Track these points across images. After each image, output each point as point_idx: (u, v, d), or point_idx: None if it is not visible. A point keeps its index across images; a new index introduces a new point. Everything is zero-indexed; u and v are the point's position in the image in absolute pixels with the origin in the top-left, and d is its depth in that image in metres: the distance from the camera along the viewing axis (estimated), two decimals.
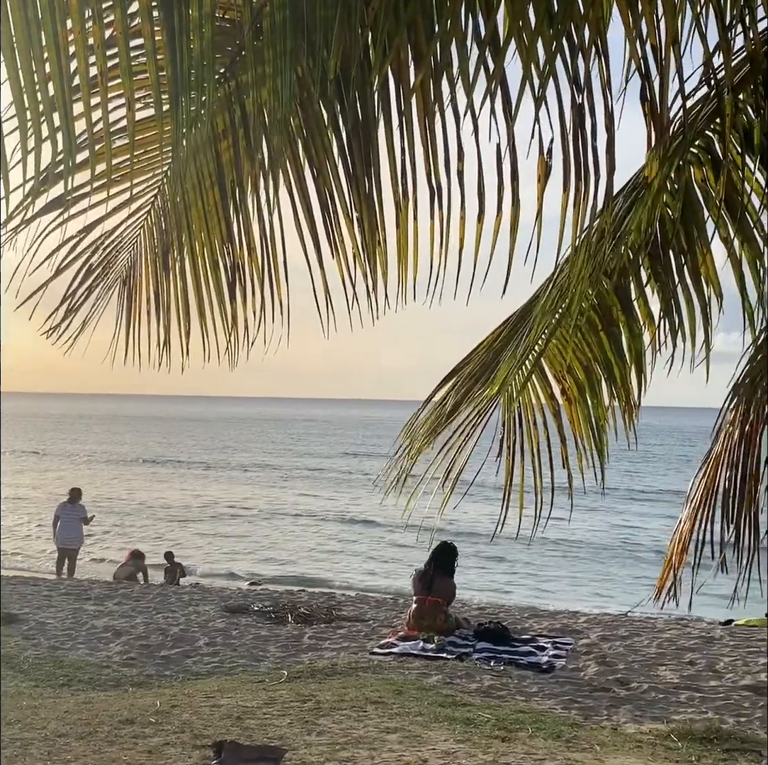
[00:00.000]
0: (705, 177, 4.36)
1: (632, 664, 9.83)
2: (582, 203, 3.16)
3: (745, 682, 9.23)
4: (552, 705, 7.97)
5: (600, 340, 4.74)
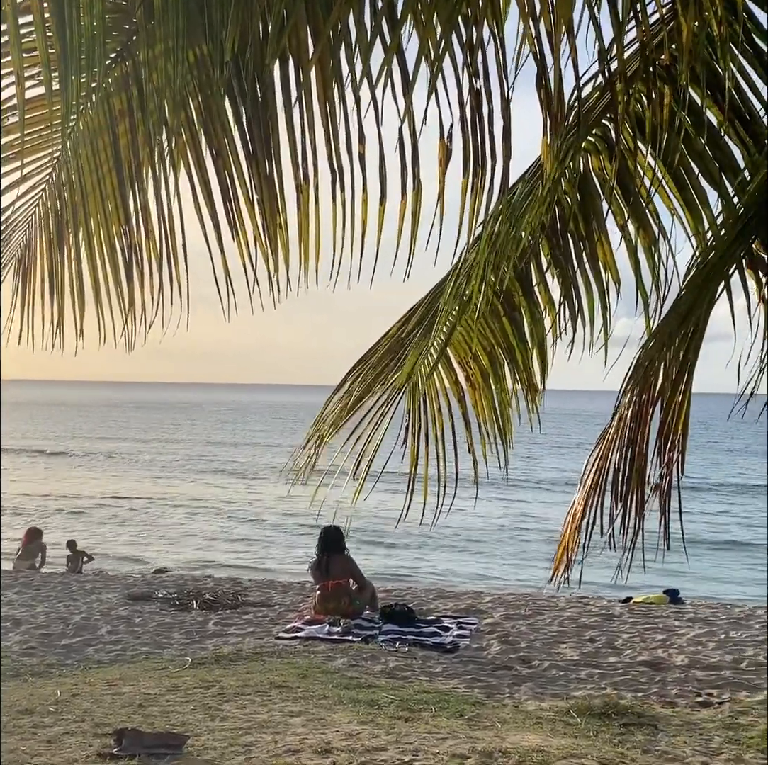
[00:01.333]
0: (602, 165, 4.45)
1: (534, 642, 10.03)
2: (479, 188, 3.20)
3: (642, 658, 9.50)
4: (455, 684, 8.08)
5: (502, 326, 4.80)
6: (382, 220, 3.22)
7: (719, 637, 10.63)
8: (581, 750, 5.89)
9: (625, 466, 4.04)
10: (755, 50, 3.83)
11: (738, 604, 13.85)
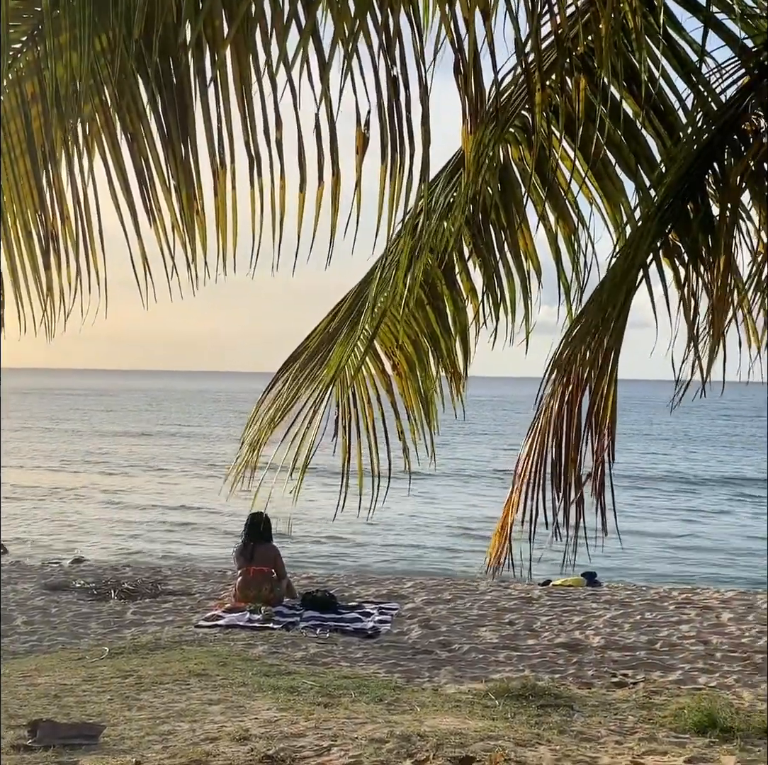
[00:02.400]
0: (522, 155, 4.49)
1: (454, 626, 10.14)
2: (398, 176, 3.19)
3: (560, 640, 9.67)
4: (376, 669, 8.13)
5: (426, 315, 4.83)
6: (302, 207, 3.20)
7: (635, 619, 10.87)
8: (498, 732, 5.97)
9: (559, 456, 4.09)
10: (669, 42, 3.89)
11: (653, 585, 14.14)
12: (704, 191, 4.25)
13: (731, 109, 4.14)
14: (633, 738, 6.31)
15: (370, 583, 13.00)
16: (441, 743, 5.58)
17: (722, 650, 9.34)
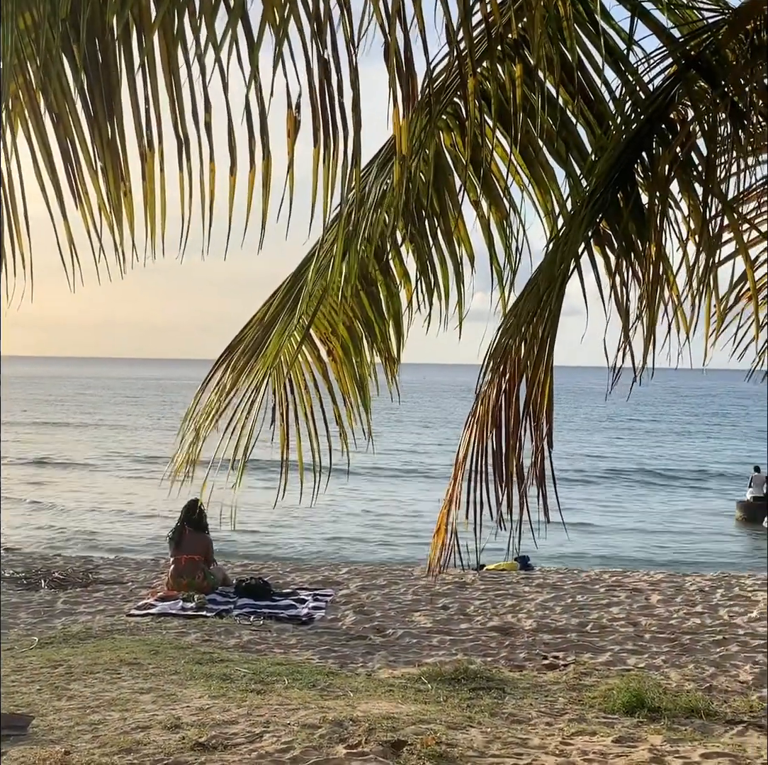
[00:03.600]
0: (454, 142, 4.49)
1: (389, 611, 10.18)
2: (331, 160, 3.17)
3: (492, 623, 9.77)
4: (309, 656, 8.14)
5: (360, 301, 4.82)
6: (233, 192, 3.17)
7: (566, 602, 11.03)
8: (430, 715, 6.02)
9: (500, 445, 4.10)
10: (598, 30, 3.92)
11: (584, 569, 14.35)
12: (634, 180, 4.30)
13: (659, 99, 4.19)
14: (563, 719, 6.41)
15: (304, 570, 13.00)
16: (373, 728, 5.60)
17: (651, 632, 9.53)
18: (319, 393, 4.81)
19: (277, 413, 4.55)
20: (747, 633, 9.53)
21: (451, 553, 4.26)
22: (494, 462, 4.10)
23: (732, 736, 6.19)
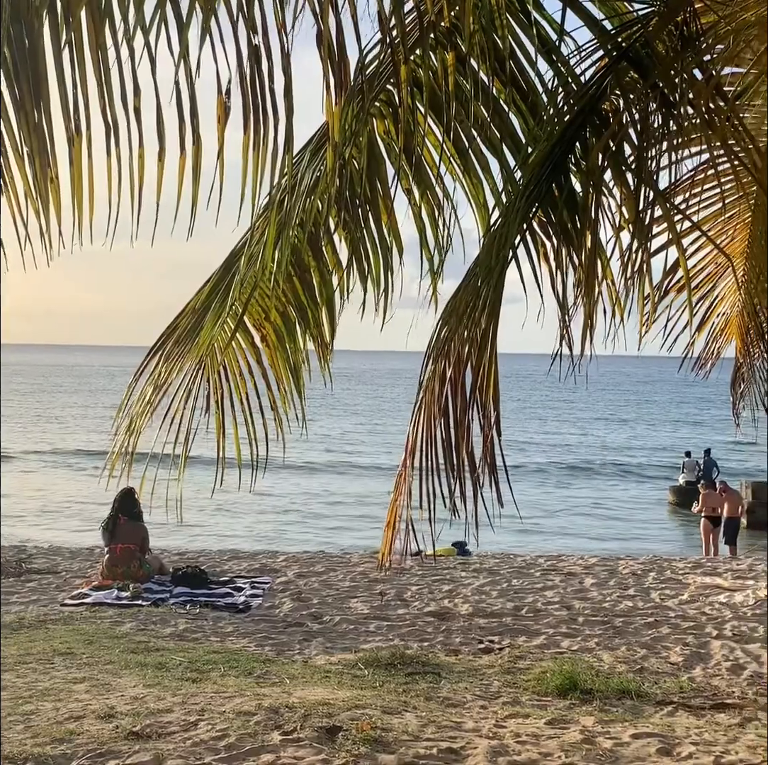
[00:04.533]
0: (387, 129, 4.49)
1: (326, 598, 10.20)
2: (262, 147, 3.16)
3: (429, 609, 9.84)
4: (246, 643, 8.13)
5: (294, 286, 4.81)
6: (161, 177, 3.13)
7: (502, 586, 11.16)
8: (366, 701, 6.05)
9: (449, 435, 4.11)
10: (530, 21, 3.94)
11: (521, 554, 14.50)
12: (568, 170, 4.34)
13: (591, 90, 4.23)
14: (497, 702, 6.48)
15: (242, 558, 12.95)
16: (309, 714, 5.62)
17: (584, 615, 9.68)
18: (254, 379, 4.80)
19: (211, 401, 4.53)
20: (678, 615, 9.73)
21: (404, 543, 4.27)
22: (444, 451, 4.12)
23: (662, 716, 6.32)
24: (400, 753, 5.09)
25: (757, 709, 6.53)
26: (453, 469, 4.06)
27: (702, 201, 5.88)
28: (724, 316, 6.96)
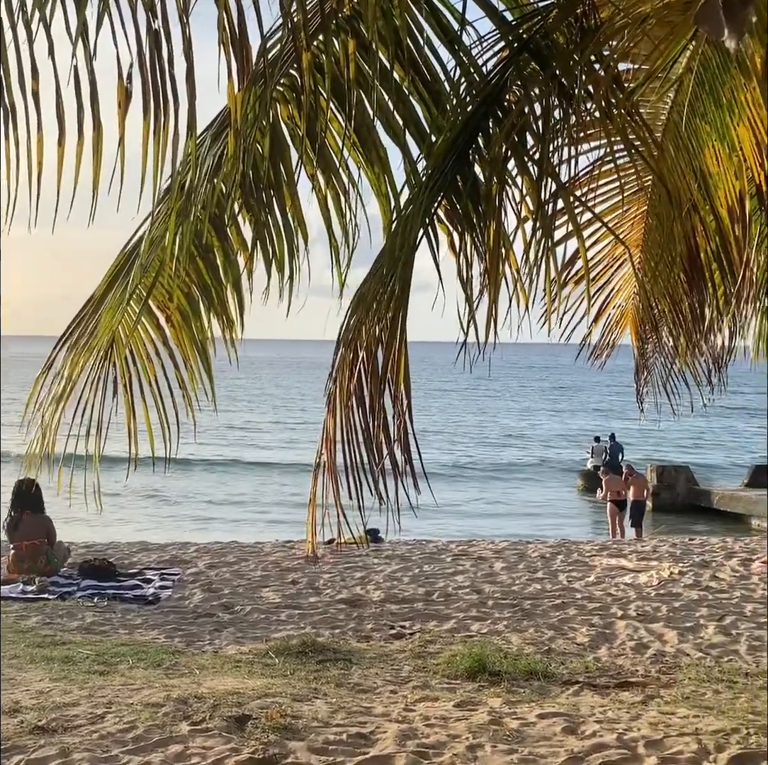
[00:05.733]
0: (291, 114, 4.47)
1: (237, 588, 10.16)
2: (163, 132, 3.13)
3: (341, 596, 9.88)
4: (155, 635, 8.05)
5: (197, 267, 4.77)
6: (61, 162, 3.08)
7: (414, 572, 11.26)
8: (276, 689, 6.06)
9: (367, 423, 4.12)
10: (432, 9, 3.97)
11: (433, 539, 14.63)
12: (471, 160, 4.38)
13: (493, 81, 4.27)
14: (407, 687, 6.55)
15: (152, 549, 12.80)
16: (218, 704, 5.60)
17: (494, 598, 9.83)
18: (161, 361, 4.75)
19: (119, 385, 4.48)
20: (584, 597, 9.95)
21: (329, 530, 4.28)
22: (364, 439, 4.13)
23: (568, 696, 6.46)
24: (309, 739, 5.12)
25: (659, 687, 6.72)
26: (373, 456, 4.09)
27: (603, 194, 6.02)
28: (619, 308, 7.13)
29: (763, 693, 6.48)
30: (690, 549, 13.32)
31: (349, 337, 4.17)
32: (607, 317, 7.21)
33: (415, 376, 4.25)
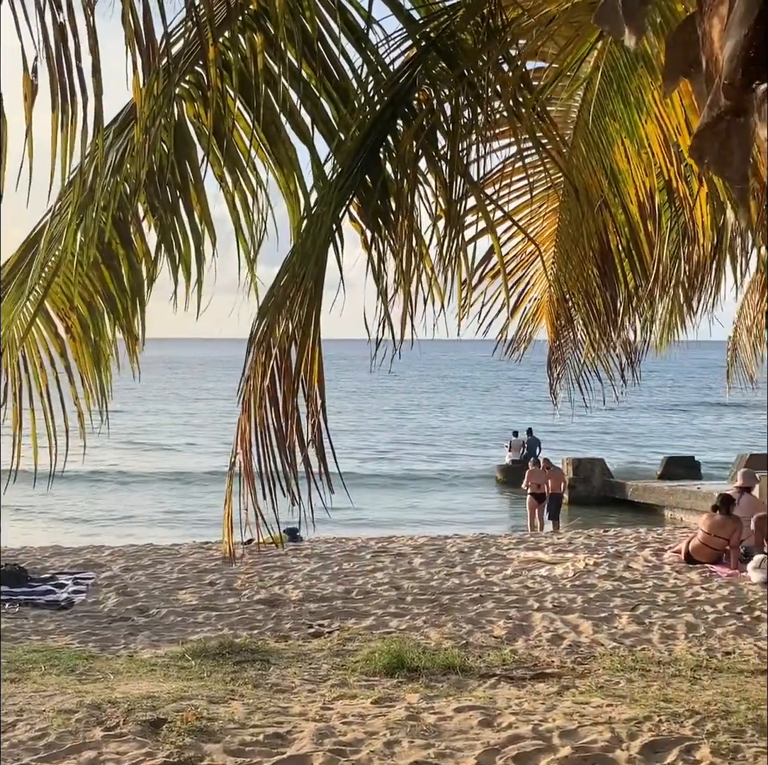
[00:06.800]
0: (197, 112, 4.41)
1: (153, 591, 10.03)
2: (70, 126, 3.09)
3: (259, 596, 9.82)
4: (69, 641, 7.90)
5: (102, 274, 4.68)
6: None
7: (333, 570, 11.25)
8: (192, 692, 6.00)
9: (280, 424, 4.09)
10: (338, 6, 3.96)
11: (352, 537, 14.63)
12: (382, 159, 4.38)
13: (402, 80, 4.28)
14: (326, 685, 6.54)
15: (65, 554, 12.55)
16: (132, 708, 5.53)
17: (413, 594, 9.87)
18: (56, 371, 4.66)
19: (9, 392, 4.38)
20: (502, 590, 10.06)
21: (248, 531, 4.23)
22: (277, 438, 4.11)
23: (485, 689, 6.53)
24: (225, 741, 5.08)
25: (574, 677, 6.83)
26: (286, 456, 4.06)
27: (516, 190, 6.09)
28: (535, 302, 7.22)
29: (675, 680, 6.64)
30: (605, 540, 13.57)
31: (261, 336, 4.14)
32: (523, 311, 7.30)
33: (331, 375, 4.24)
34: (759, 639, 7.99)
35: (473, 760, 4.96)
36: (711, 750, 5.11)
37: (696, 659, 7.25)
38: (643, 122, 5.49)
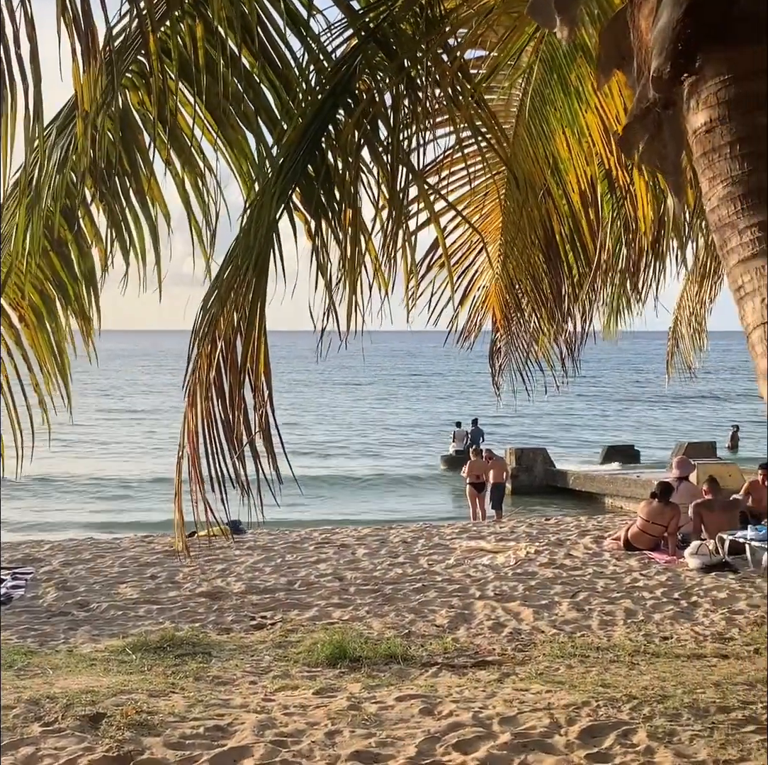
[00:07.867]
0: (141, 100, 4.37)
1: (93, 585, 9.92)
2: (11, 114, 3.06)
3: (201, 589, 9.76)
4: (7, 636, 7.78)
5: (51, 261, 4.62)
6: None
7: (276, 562, 11.22)
8: (132, 686, 5.95)
9: (227, 415, 4.06)
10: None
11: (295, 529, 14.60)
12: (324, 148, 4.37)
13: (343, 69, 4.27)
14: (267, 677, 6.53)
15: (3, 548, 12.35)
16: (71, 703, 5.46)
17: (356, 584, 9.88)
18: (14, 361, 4.60)
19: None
20: (444, 579, 10.12)
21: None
22: (224, 429, 4.08)
23: (426, 677, 6.56)
24: (165, 735, 5.04)
25: (515, 664, 6.89)
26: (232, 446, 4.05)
27: (459, 180, 6.10)
28: (484, 290, 7.26)
29: (613, 666, 6.74)
30: (546, 529, 13.71)
31: (206, 328, 4.11)
32: (472, 299, 7.34)
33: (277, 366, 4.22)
34: (695, 624, 8.14)
35: (414, 749, 4.98)
36: (648, 734, 5.19)
37: (634, 645, 7.36)
38: (584, 111, 5.55)
